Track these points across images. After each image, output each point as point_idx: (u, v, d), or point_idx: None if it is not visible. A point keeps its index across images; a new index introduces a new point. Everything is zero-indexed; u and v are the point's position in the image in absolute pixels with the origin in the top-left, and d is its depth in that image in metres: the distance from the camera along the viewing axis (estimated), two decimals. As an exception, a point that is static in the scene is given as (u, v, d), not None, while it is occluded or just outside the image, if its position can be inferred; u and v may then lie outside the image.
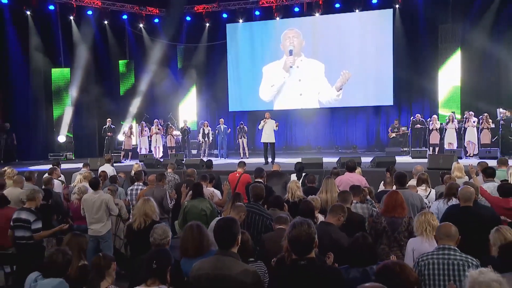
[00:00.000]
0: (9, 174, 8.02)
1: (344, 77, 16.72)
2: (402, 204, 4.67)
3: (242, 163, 7.93)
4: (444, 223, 3.49)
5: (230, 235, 2.95)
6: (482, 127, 13.07)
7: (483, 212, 4.52)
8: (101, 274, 3.13)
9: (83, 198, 6.20)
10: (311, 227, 2.73)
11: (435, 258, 3.18)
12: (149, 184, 7.24)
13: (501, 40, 14.66)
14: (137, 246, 4.39)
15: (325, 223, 4.21)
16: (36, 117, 17.38)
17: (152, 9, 18.50)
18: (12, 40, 16.77)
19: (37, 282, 3.20)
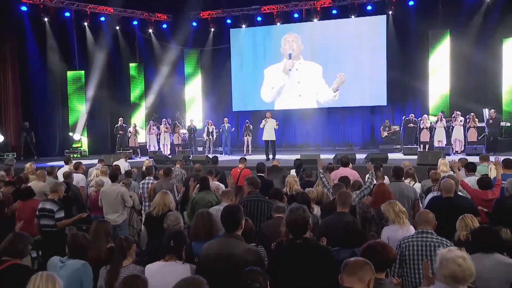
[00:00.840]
0: (28, 169, 8.33)
1: (340, 79, 16.76)
2: (390, 195, 4.91)
3: (243, 159, 8.09)
4: (423, 210, 3.75)
5: (234, 220, 3.20)
6: (469, 126, 13.16)
7: (462, 202, 4.72)
8: (123, 254, 3.36)
9: (101, 190, 6.44)
10: (306, 211, 2.99)
11: (415, 240, 3.41)
12: (159, 178, 7.45)
13: (487, 44, 14.75)
14: (154, 231, 4.64)
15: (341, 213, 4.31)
16: (52, 116, 17.52)
17: (161, 15, 18.53)
18: (31, 45, 16.92)
19: (64, 263, 3.38)
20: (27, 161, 12.50)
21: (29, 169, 8.28)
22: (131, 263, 3.38)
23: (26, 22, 16.69)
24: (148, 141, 16.25)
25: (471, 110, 13.78)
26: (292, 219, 2.96)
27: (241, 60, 18.32)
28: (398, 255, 3.44)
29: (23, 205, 5.78)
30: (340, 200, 4.22)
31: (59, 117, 17.63)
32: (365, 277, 2.31)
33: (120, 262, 3.31)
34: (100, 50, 17.74)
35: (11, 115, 16.93)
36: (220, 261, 3.03)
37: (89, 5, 17.31)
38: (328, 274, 2.81)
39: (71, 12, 17.24)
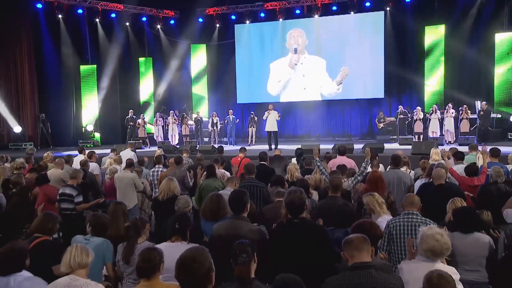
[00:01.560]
0: (47, 158, 8.55)
1: (343, 72, 16.77)
2: (383, 182, 5.09)
3: (243, 149, 8.23)
4: (409, 194, 3.94)
5: (241, 203, 3.40)
6: (462, 117, 13.27)
7: (448, 187, 4.89)
8: (138, 232, 3.55)
9: (116, 176, 6.67)
10: (302, 193, 3.19)
11: (401, 221, 3.59)
12: (170, 166, 7.61)
13: (480, 39, 14.75)
14: (161, 214, 4.86)
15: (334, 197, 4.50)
16: (66, 108, 17.67)
17: (168, 11, 18.55)
18: (46, 41, 17.06)
19: (88, 240, 3.59)
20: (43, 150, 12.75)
21: (48, 157, 8.50)
22: (145, 240, 3.57)
23: (41, 19, 16.81)
24: (156, 132, 16.33)
25: (464, 102, 13.89)
26: (290, 200, 3.17)
27: (246, 55, 18.33)
28: (387, 234, 3.64)
29: (40, 190, 5.98)
30: (331, 186, 4.41)
31: (72, 109, 17.78)
32: (369, 249, 2.52)
33: (136, 240, 3.52)
34: (111, 45, 17.83)
35: (28, 107, 17.17)
36: (229, 240, 3.17)
37: (101, 2, 17.38)
38: (322, 249, 3.02)
39: (83, 9, 17.32)
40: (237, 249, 2.48)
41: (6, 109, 16.63)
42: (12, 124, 16.64)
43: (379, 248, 3.53)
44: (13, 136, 16.63)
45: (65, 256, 2.80)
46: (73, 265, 2.75)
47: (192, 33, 18.44)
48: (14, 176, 6.12)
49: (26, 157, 8.61)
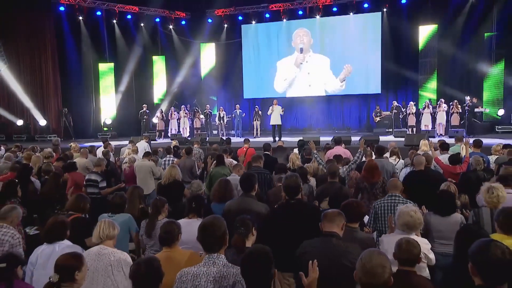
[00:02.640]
0: (74, 148, 8.89)
1: (346, 70, 16.79)
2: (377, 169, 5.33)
3: (247, 140, 8.49)
4: (392, 179, 4.20)
5: (250, 184, 3.74)
6: (453, 111, 13.36)
7: (431, 174, 5.15)
8: (158, 210, 3.83)
9: (136, 164, 6.98)
10: (298, 178, 3.47)
11: (385, 202, 3.87)
12: (182, 156, 7.88)
13: (470, 38, 14.79)
14: (163, 196, 5.10)
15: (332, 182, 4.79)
16: (87, 103, 17.86)
17: (180, 13, 18.64)
18: (68, 40, 17.24)
19: (113, 216, 3.91)
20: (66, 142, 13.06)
21: (74, 148, 8.86)
22: (164, 217, 3.87)
23: (63, 21, 17.03)
24: (169, 125, 16.48)
25: (455, 98, 13.94)
26: (287, 184, 3.46)
27: (252, 53, 18.34)
28: (373, 213, 3.93)
29: (69, 176, 6.27)
30: (329, 173, 4.69)
31: (92, 104, 17.98)
32: (340, 223, 2.78)
33: (156, 217, 3.81)
34: (127, 44, 18.00)
35: (52, 102, 17.45)
36: (240, 214, 3.38)
37: (118, 4, 17.54)
38: (313, 225, 3.29)
39: (102, 11, 17.50)
40: (238, 222, 2.75)
41: (32, 104, 17.02)
42: (37, 117, 17.00)
43: (366, 224, 3.83)
44: (39, 128, 16.99)
45: (95, 229, 3.11)
46: (102, 237, 3.06)
47: (202, 33, 18.50)
48: (45, 165, 6.46)
49: (53, 147, 8.98)
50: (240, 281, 2.11)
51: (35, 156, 7.04)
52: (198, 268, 2.24)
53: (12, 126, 16.92)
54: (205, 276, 2.17)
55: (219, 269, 2.19)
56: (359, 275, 1.85)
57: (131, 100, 18.32)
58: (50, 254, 3.03)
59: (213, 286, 2.14)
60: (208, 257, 2.25)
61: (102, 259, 2.92)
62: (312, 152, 6.34)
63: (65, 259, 2.45)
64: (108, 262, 2.93)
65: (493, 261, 1.66)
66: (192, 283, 2.17)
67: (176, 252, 2.84)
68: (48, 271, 2.92)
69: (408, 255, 2.43)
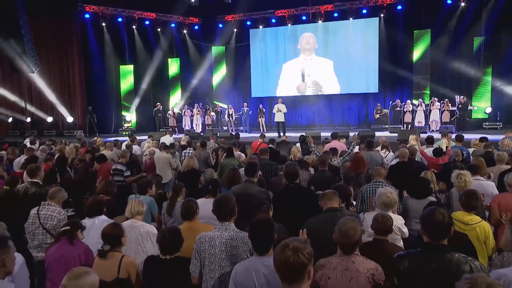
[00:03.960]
0: (98, 142, 9.36)
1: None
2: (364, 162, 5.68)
3: (263, 135, 8.82)
4: (377, 167, 4.56)
5: (253, 170, 4.12)
6: (444, 109, 13.49)
7: (414, 164, 5.48)
8: (177, 193, 4.22)
9: (155, 156, 7.38)
10: (296, 166, 3.85)
11: (370, 186, 4.23)
12: (197, 149, 8.30)
13: (461, 42, 14.84)
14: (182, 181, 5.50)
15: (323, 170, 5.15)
16: (109, 101, 18.17)
17: (193, 18, 18.79)
18: (92, 44, 17.63)
19: (140, 197, 4.31)
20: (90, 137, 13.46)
21: (98, 142, 9.33)
22: (182, 199, 4.27)
23: (88, 27, 17.38)
24: (183, 121, 16.78)
25: (446, 96, 14.06)
26: (287, 171, 3.84)
27: (259, 55, 18.46)
28: (360, 196, 4.30)
29: (100, 166, 6.72)
30: (320, 162, 5.05)
31: (114, 102, 18.31)
32: (338, 200, 3.15)
33: (175, 199, 4.20)
34: (146, 47, 18.25)
35: (78, 100, 17.97)
36: (243, 196, 3.84)
37: (137, 11, 17.80)
38: (309, 205, 3.68)
39: (122, 17, 17.79)
40: (260, 201, 3.13)
41: (60, 102, 17.54)
42: (65, 115, 17.52)
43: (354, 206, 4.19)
44: (66, 124, 17.53)
45: (128, 206, 3.54)
46: (133, 212, 3.48)
47: (213, 37, 18.70)
48: (79, 155, 6.93)
49: (82, 142, 9.46)
50: (247, 242, 2.50)
51: (69, 149, 7.49)
52: (213, 232, 2.63)
53: (43, 122, 17.46)
54: (219, 238, 2.56)
55: (230, 234, 2.58)
56: (337, 236, 2.23)
57: (149, 99, 18.58)
58: (91, 226, 3.46)
59: (225, 246, 2.54)
60: (221, 225, 2.65)
61: (133, 231, 3.34)
62: (310, 145, 6.69)
63: (111, 229, 2.89)
64: (138, 233, 3.34)
65: (436, 223, 2.03)
66: (209, 243, 2.56)
67: (195, 224, 3.23)
68: (89, 239, 3.36)
69: (382, 226, 2.81)
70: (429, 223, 2.04)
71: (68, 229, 3.08)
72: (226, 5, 17.04)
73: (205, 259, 2.55)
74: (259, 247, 2.25)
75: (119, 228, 2.92)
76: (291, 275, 1.66)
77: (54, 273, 3.02)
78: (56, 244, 3.11)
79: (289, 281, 1.66)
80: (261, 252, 2.24)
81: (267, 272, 2.16)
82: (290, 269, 1.64)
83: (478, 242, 3.03)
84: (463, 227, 3.11)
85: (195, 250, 2.63)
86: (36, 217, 3.62)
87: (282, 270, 1.67)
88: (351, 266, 2.16)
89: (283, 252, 1.66)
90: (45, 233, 3.60)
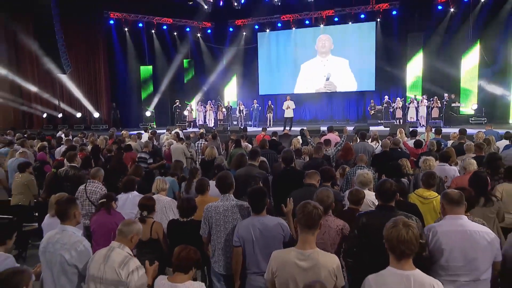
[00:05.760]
0: (125, 135, 9.94)
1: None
2: (351, 150, 6.17)
3: (264, 128, 9.31)
4: (360, 154, 5.03)
5: (255, 156, 4.58)
6: (433, 106, 13.76)
7: (394, 153, 5.90)
8: (193, 176, 4.76)
9: (172, 147, 7.93)
10: (292, 151, 4.37)
11: (354, 170, 4.67)
12: (208, 140, 8.81)
13: (450, 44, 14.99)
14: (205, 168, 6.05)
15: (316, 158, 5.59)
16: (131, 99, 18.68)
17: (206, 23, 19.14)
18: (116, 47, 18.14)
19: (165, 178, 4.87)
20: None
21: (125, 134, 9.93)
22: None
23: (113, 31, 17.89)
24: (197, 117, 17.28)
25: (436, 94, 14.26)
26: (284, 156, 4.37)
27: (266, 56, 18.75)
28: (345, 179, 4.78)
29: (126, 154, 7.22)
30: (315, 150, 5.54)
31: (135, 100, 18.78)
32: (317, 178, 3.62)
33: (192, 180, 4.75)
34: (163, 50, 18.61)
35: (103, 98, 18.47)
36: (245, 176, 4.32)
37: (156, 17, 18.21)
38: (299, 183, 4.14)
39: (143, 23, 18.24)
40: (254, 178, 3.71)
41: (87, 100, 18.16)
42: (92, 111, 18.13)
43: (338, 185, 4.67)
44: (93, 119, 18.11)
45: (154, 184, 4.10)
46: (158, 189, 4.04)
47: (224, 39, 18.97)
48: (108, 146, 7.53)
49: (110, 134, 10.07)
50: (244, 208, 3.02)
51: (100, 140, 8.10)
52: (217, 203, 3.12)
53: (73, 117, 18.08)
54: (222, 207, 3.07)
55: (230, 203, 3.08)
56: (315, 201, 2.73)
57: (167, 96, 18.87)
58: (126, 199, 4.03)
59: (227, 212, 3.03)
60: (223, 196, 3.14)
61: (159, 203, 3.88)
62: (306, 137, 7.17)
63: (147, 200, 3.43)
64: (163, 205, 3.90)
65: (385, 190, 2.53)
66: (215, 211, 3.06)
67: (206, 198, 3.76)
68: (125, 209, 3.92)
69: (355, 198, 3.30)
70: (381, 190, 2.55)
71: (104, 201, 3.57)
72: (236, 11, 17.33)
73: (212, 223, 3.06)
74: (255, 208, 2.77)
75: (152, 199, 3.47)
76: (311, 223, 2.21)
77: (97, 236, 3.55)
78: (97, 213, 3.66)
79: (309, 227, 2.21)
80: (257, 212, 2.76)
81: (261, 227, 2.69)
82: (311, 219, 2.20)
83: (434, 212, 3.49)
84: (423, 200, 3.58)
85: (204, 217, 3.12)
86: (83, 192, 4.21)
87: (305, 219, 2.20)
88: (325, 223, 2.67)
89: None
90: (90, 205, 4.19)
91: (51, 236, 2.61)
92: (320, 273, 2.11)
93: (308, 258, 2.15)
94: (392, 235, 1.79)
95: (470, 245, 2.29)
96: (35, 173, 5.91)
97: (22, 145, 7.29)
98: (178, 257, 2.28)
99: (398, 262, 1.81)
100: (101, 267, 2.38)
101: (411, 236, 1.76)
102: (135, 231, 2.49)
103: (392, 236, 1.79)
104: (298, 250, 2.19)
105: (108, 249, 2.45)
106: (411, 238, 1.76)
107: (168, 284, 2.26)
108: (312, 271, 2.12)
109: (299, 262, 2.15)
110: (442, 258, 2.33)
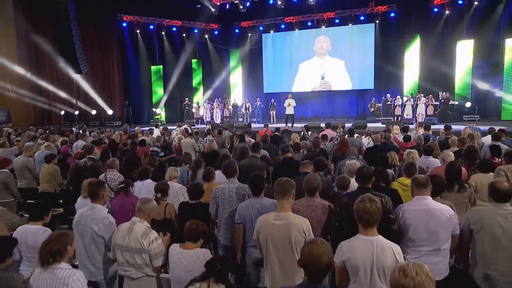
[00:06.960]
0: (138, 130, 10.34)
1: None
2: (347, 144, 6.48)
3: (266, 125, 9.60)
4: (351, 148, 5.36)
5: (256, 148, 4.98)
6: (428, 104, 13.93)
7: (384, 147, 6.22)
8: (198, 166, 5.09)
9: (182, 141, 8.30)
10: (289, 145, 4.73)
11: (345, 161, 4.97)
12: (214, 136, 9.14)
13: (445, 45, 15.13)
14: (205, 160, 6.37)
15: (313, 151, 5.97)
16: (142, 97, 19.04)
17: (213, 25, 19.35)
18: (128, 48, 18.48)
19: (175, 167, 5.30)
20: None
21: (137, 130, 10.33)
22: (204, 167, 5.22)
23: (125, 33, 18.23)
24: (204, 114, 17.58)
25: (432, 92, 14.42)
26: (282, 148, 4.76)
27: (270, 56, 18.98)
28: (338, 169, 5.13)
29: (139, 149, 7.55)
30: (313, 144, 5.89)
31: (146, 98, 19.13)
32: (310, 167, 3.99)
33: (197, 170, 5.09)
34: (173, 50, 18.89)
35: (117, 96, 18.89)
36: (248, 165, 4.72)
37: (166, 19, 18.50)
38: (295, 172, 4.51)
39: (154, 25, 18.55)
40: (255, 168, 4.03)
41: (102, 98, 18.59)
42: (106, 108, 18.56)
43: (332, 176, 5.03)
44: (107, 116, 18.50)
45: (166, 172, 4.49)
46: (171, 176, 4.43)
47: (230, 40, 19.22)
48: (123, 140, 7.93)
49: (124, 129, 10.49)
50: (246, 190, 3.40)
51: (115, 135, 8.52)
52: (223, 185, 3.53)
53: (88, 115, 18.45)
54: (228, 188, 3.47)
55: (235, 185, 3.48)
56: (304, 184, 3.10)
57: (176, 94, 19.12)
58: (142, 186, 4.42)
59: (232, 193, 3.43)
60: (229, 180, 3.54)
61: (172, 188, 4.24)
62: (305, 133, 7.50)
63: (162, 184, 3.81)
64: (175, 190, 4.27)
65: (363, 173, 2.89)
66: (221, 192, 3.47)
67: (212, 184, 4.13)
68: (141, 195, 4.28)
69: (341, 183, 3.65)
70: (359, 174, 2.92)
71: (123, 186, 3.95)
72: (241, 13, 17.58)
73: (219, 202, 3.46)
74: (254, 191, 3.14)
75: (167, 184, 3.87)
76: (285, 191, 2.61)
77: (117, 215, 3.89)
78: (117, 196, 4.06)
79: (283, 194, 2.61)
80: (256, 194, 3.14)
81: (259, 207, 3.06)
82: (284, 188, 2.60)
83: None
84: (404, 187, 3.91)
85: (212, 197, 3.53)
86: (104, 179, 4.62)
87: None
88: (312, 204, 3.04)
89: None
90: (110, 191, 4.59)
91: (83, 212, 3.03)
92: (291, 230, 2.54)
93: (282, 219, 2.58)
94: (359, 207, 2.15)
95: (432, 220, 2.63)
96: (59, 164, 6.35)
97: (46, 139, 7.73)
98: (188, 228, 2.67)
99: (364, 230, 2.17)
100: (125, 238, 2.78)
101: (374, 208, 2.12)
102: (151, 208, 2.89)
103: (359, 208, 2.15)
104: (275, 213, 2.64)
105: (131, 223, 2.85)
106: (374, 210, 2.11)
107: (180, 250, 2.65)
108: (285, 227, 2.55)
109: (275, 221, 2.59)
110: (409, 232, 2.68)
